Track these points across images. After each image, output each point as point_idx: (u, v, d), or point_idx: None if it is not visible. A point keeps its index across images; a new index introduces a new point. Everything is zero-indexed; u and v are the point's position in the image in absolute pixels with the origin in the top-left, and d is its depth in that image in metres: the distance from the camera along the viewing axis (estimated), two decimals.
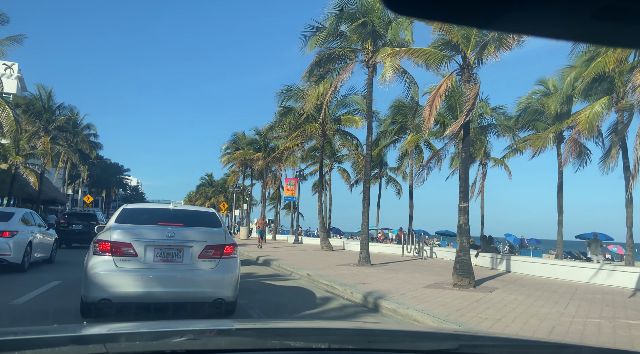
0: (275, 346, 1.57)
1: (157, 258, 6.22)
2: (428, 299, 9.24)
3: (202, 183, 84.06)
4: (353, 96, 25.29)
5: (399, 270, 15.24)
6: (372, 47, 16.29)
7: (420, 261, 19.02)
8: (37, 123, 34.85)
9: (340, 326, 3.19)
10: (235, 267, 6.62)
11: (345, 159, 42.43)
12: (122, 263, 6.09)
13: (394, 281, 12.14)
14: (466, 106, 11.07)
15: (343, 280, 12.11)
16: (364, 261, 15.89)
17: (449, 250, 21.37)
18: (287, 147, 25.68)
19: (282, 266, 16.10)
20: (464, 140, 11.43)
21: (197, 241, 6.42)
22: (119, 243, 6.14)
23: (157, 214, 7.27)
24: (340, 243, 29.26)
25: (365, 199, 16.31)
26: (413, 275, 13.82)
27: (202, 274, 6.33)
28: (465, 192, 11.23)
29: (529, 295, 10.17)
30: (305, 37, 16.43)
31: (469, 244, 11.50)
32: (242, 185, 53.53)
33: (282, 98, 25.69)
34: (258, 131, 38.64)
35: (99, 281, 5.98)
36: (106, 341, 1.52)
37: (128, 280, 6.03)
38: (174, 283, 6.19)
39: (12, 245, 11.41)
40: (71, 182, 63.38)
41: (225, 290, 6.41)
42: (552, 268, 14.09)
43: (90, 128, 54.62)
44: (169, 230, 6.43)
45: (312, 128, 24.56)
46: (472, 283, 10.91)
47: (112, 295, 6.00)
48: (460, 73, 11.32)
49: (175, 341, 1.51)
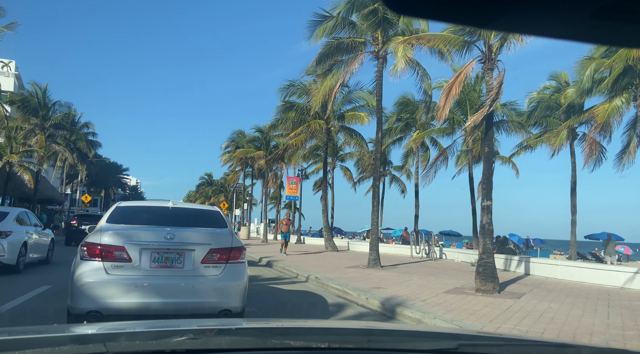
0: (275, 346, 1.56)
1: (154, 264, 5.40)
2: (453, 307, 8.37)
3: (202, 183, 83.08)
4: (359, 92, 24.43)
5: (412, 272, 14.37)
6: (383, 37, 15.41)
7: (431, 263, 18.15)
8: (33, 121, 33.89)
9: (340, 325, 3.09)
10: (244, 273, 5.79)
11: (348, 157, 41.64)
12: (114, 270, 5.27)
13: (410, 285, 11.27)
14: (490, 96, 10.20)
15: (355, 284, 11.25)
16: (373, 263, 15.02)
17: (460, 251, 20.50)
18: (291, 145, 24.75)
19: (287, 268, 15.23)
20: (487, 132, 10.57)
21: (200, 244, 5.58)
22: (110, 247, 5.30)
23: (155, 213, 6.39)
24: (344, 244, 28.38)
25: (374, 197, 15.43)
26: (428, 278, 12.95)
27: (206, 282, 5.49)
28: (489, 189, 10.36)
29: (561, 302, 9.30)
30: (312, 26, 15.56)
31: (492, 245, 10.63)
32: (242, 185, 52.59)
33: (285, 93, 24.83)
34: (259, 129, 37.73)
35: (87, 291, 5.16)
36: (106, 340, 1.51)
37: (121, 290, 5.22)
38: (174, 293, 5.39)
39: (5, 245, 10.94)
40: (69, 182, 62.36)
41: (232, 300, 5.57)
42: (576, 270, 13.21)
43: (89, 127, 53.63)
44: (167, 231, 5.57)
45: (317, 125, 23.66)
46: (497, 288, 10.05)
47: (102, 306, 5.19)
48: (483, 61, 10.45)
49: (176, 340, 1.52)
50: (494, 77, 10.36)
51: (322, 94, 16.26)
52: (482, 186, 10.38)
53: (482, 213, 10.36)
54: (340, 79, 15.67)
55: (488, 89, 10.44)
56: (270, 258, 18.67)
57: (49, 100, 35.07)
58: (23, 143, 34.37)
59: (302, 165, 38.10)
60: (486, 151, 10.54)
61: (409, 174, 42.03)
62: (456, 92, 10.66)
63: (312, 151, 36.23)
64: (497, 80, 10.20)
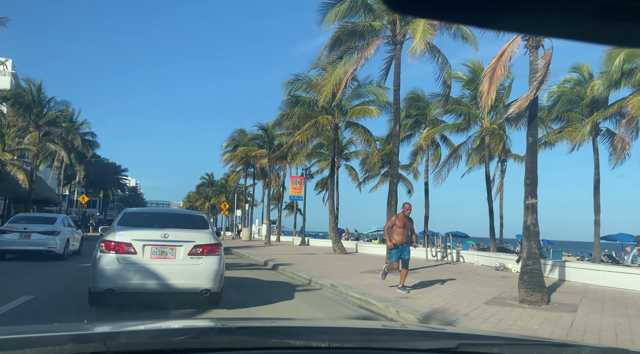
0: (275, 345, 1.55)
1: (153, 255, 7.08)
2: (505, 323, 7.05)
3: (202, 183, 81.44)
4: (368, 86, 23.06)
5: (436, 278, 13.03)
6: (402, 21, 14.11)
7: (451, 267, 16.81)
8: (27, 118, 32.55)
9: (341, 324, 3.06)
10: (220, 263, 7.38)
11: (353, 156, 40.29)
12: (124, 260, 6.97)
13: (442, 294, 9.96)
14: (536, 78, 8.88)
15: (378, 293, 9.95)
16: None
17: (478, 254, 19.16)
18: (296, 141, 23.36)
19: (296, 273, 13.89)
20: (531, 121, 9.26)
21: (187, 241, 7.26)
22: (121, 243, 7.02)
23: (154, 217, 8.50)
24: (351, 246, 26.92)
25: (391, 195, 14.09)
26: (457, 285, 11.63)
27: (191, 268, 7.18)
28: (533, 186, 9.04)
29: (627, 317, 7.96)
30: (324, 9, 14.26)
31: (538, 249, 9.32)
32: (243, 185, 51.23)
33: (290, 88, 23.48)
34: (262, 126, 36.35)
35: (104, 275, 6.88)
36: (107, 339, 1.51)
37: (129, 274, 6.91)
38: (167, 276, 7.03)
39: (58, 241, 15.45)
40: (67, 183, 60.75)
41: (210, 282, 7.22)
42: (621, 277, 11.86)
43: (87, 126, 52.39)
44: (163, 231, 7.24)
45: (324, 120, 22.31)
46: (545, 299, 8.72)
47: (115, 285, 6.92)
48: (526, 38, 9.13)
49: (176, 339, 1.53)
50: (539, 57, 9.04)
51: (333, 83, 14.91)
52: (526, 183, 9.07)
53: (525, 213, 9.04)
54: (354, 65, 14.28)
55: (532, 71, 9.12)
56: (276, 261, 17.35)
57: (44, 96, 33.70)
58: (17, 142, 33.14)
59: (305, 164, 36.65)
60: (530, 142, 9.21)
61: (415, 173, 40.71)
62: (501, 73, 9.39)
63: (315, 149, 34.83)
64: (544, 60, 8.89)
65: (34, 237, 15.15)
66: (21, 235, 15.14)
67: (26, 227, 15.29)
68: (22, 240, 15.11)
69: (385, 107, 23.14)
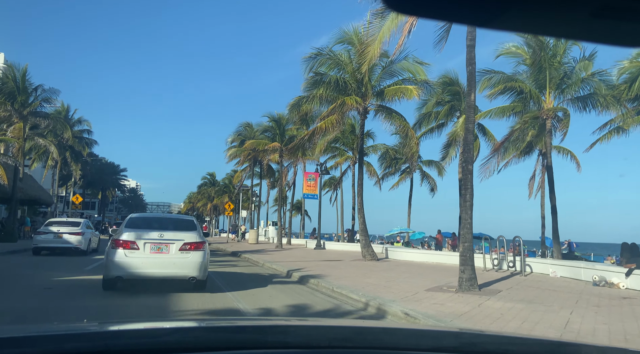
0: (275, 344, 1.50)
1: (152, 251, 9.24)
2: None
3: (204, 183, 77.77)
4: (402, 62, 19.50)
5: (532, 300, 9.48)
6: None
7: (527, 281, 13.18)
8: (9, 108, 29.03)
9: (341, 324, 2.93)
10: (204, 257, 9.53)
11: (371, 151, 36.77)
12: (129, 254, 9.14)
13: (571, 331, 6.40)
14: None
15: (479, 327, 6.42)
16: (468, 285, 10.10)
17: (553, 263, 15.58)
18: (319, 128, 19.77)
19: (338, 291, 10.34)
20: None
21: (178, 240, 9.39)
22: (128, 241, 9.22)
23: (153, 221, 10.73)
24: (378, 250, 23.16)
25: (466, 188, 10.49)
26: (570, 313, 8.08)
27: (181, 261, 9.32)
28: None
29: None
30: None
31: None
32: (247, 185, 47.66)
33: (311, 64, 19.87)
34: (273, 117, 32.76)
35: (115, 265, 9.12)
36: (107, 338, 1.51)
37: (133, 265, 9.11)
38: (163, 267, 9.27)
39: (82, 240, 19.59)
40: (63, 183, 57.07)
41: (196, 272, 9.36)
42: None
43: (83, 123, 48.82)
44: (160, 232, 9.49)
45: (352, 101, 18.73)
46: None
47: (123, 273, 9.16)
48: None
49: (174, 338, 1.53)
50: None
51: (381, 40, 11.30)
52: None
53: None
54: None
55: None
56: (302, 272, 13.82)
57: (29, 83, 30.16)
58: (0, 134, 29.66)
59: (319, 160, 32.97)
60: None
61: (440, 170, 37.18)
62: None
63: (329, 144, 31.18)
64: None
65: (64, 237, 19.25)
66: (55, 235, 19.22)
67: (59, 229, 19.44)
68: (56, 239, 19.16)
69: (424, 87, 19.64)
